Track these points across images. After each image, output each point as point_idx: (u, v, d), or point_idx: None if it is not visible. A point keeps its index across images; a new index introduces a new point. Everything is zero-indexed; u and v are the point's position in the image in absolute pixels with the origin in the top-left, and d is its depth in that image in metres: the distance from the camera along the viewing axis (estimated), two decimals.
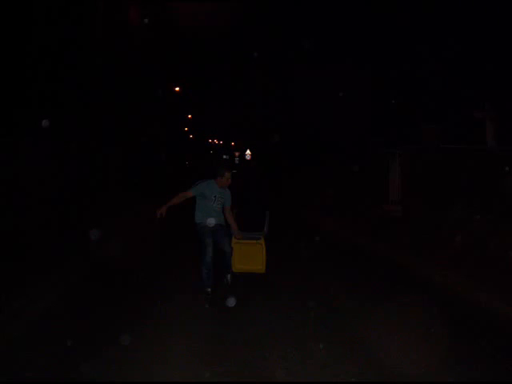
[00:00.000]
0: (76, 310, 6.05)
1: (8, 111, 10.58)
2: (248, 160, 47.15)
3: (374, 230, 11.93)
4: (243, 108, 43.43)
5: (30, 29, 11.77)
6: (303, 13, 22.58)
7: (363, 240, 11.17)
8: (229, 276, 6.71)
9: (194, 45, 37.53)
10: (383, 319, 5.58)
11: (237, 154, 53.68)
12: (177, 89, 37.10)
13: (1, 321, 5.52)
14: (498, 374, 4.48)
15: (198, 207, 6.48)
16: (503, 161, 9.69)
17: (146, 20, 24.00)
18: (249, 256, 7.33)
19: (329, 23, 20.65)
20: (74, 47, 14.10)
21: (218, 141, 74.72)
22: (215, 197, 6.42)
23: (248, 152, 48.03)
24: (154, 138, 27.97)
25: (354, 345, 4.96)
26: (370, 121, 18.05)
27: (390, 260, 9.24)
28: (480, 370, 4.49)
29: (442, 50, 15.02)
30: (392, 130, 16.35)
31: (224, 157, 60.52)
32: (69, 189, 12.40)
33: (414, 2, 16.00)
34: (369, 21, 17.77)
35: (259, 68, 32.99)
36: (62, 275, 7.52)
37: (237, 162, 50.67)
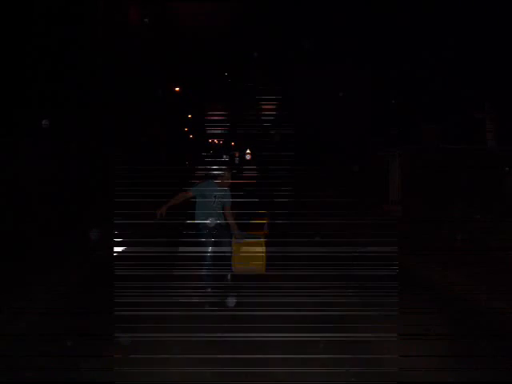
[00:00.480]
0: (76, 310, 6.04)
1: (8, 111, 10.58)
2: (248, 160, 47.05)
3: (373, 229, 11.91)
4: (243, 108, 43.37)
5: (29, 29, 11.77)
6: (303, 13, 22.59)
7: (363, 240, 11.14)
8: (229, 276, 6.70)
9: (194, 45, 37.48)
10: (383, 319, 5.58)
11: (237, 154, 53.55)
12: (177, 89, 37.06)
13: (1, 321, 5.52)
14: (498, 373, 4.48)
15: (198, 207, 6.48)
16: (503, 161, 9.69)
17: (146, 20, 24.02)
18: (249, 256, 7.33)
19: (329, 23, 20.66)
20: (74, 47, 14.11)
21: (218, 141, 74.61)
22: (215, 197, 6.42)
23: (248, 152, 47.94)
24: (153, 138, 27.95)
25: (354, 345, 4.96)
26: (370, 121, 18.07)
27: (390, 260, 9.23)
28: (480, 370, 4.49)
29: (442, 50, 15.02)
30: (392, 130, 16.36)
31: (224, 157, 60.37)
32: (69, 189, 12.39)
33: (413, 2, 16.01)
34: (369, 21, 17.78)
35: (259, 68, 32.97)
36: (62, 275, 7.52)
37: (237, 161, 50.56)
